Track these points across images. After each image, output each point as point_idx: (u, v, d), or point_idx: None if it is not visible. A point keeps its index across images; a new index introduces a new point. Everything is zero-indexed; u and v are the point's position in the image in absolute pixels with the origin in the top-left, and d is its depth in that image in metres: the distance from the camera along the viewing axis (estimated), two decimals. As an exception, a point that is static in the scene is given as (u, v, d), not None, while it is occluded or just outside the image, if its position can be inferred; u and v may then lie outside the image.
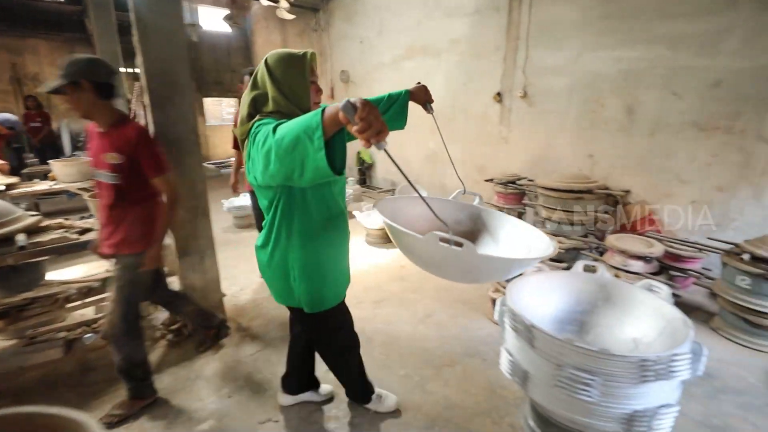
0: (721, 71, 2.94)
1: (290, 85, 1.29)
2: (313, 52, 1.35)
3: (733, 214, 3.06)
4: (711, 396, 2.01)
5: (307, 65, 1.30)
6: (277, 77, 1.28)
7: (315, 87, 1.37)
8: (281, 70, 1.29)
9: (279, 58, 1.30)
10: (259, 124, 1.20)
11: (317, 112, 0.98)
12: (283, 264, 1.40)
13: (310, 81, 1.32)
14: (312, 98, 1.35)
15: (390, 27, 5.85)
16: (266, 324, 2.65)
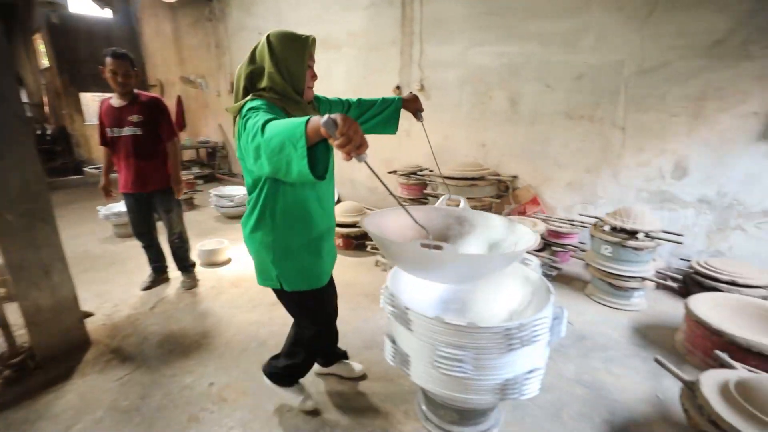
0: (582, 66, 3.29)
1: (288, 63, 1.32)
2: (314, 38, 1.39)
3: (599, 192, 3.46)
4: (583, 355, 2.22)
5: (307, 48, 1.35)
6: (276, 53, 1.31)
7: (311, 72, 1.41)
8: (282, 47, 1.32)
9: (282, 36, 1.33)
10: (249, 107, 1.23)
11: (302, 122, 1.00)
12: (264, 242, 1.42)
13: (308, 65, 1.37)
14: (307, 82, 1.39)
15: (289, 19, 5.61)
16: (141, 342, 2.31)
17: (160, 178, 2.71)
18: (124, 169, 2.64)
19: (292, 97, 1.36)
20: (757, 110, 2.67)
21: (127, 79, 2.49)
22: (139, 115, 2.55)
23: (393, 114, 1.76)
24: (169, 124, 2.72)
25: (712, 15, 2.70)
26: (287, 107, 1.34)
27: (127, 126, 2.55)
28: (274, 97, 1.32)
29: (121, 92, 2.52)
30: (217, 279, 3.19)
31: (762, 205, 2.79)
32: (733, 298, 2.32)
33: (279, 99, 1.33)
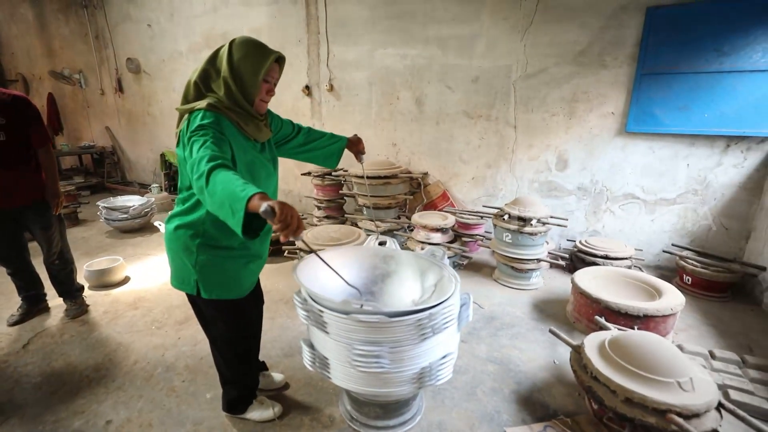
0: (477, 69, 3.59)
1: (242, 71, 1.31)
2: (282, 56, 1.40)
3: (499, 185, 3.81)
4: (493, 334, 2.42)
5: (266, 62, 1.32)
6: (234, 59, 1.30)
7: (268, 87, 1.39)
8: (240, 55, 1.30)
9: (243, 43, 1.32)
10: (199, 124, 1.23)
11: (243, 198, 1.02)
12: (187, 242, 1.37)
13: (264, 80, 1.35)
14: (260, 95, 1.37)
15: (182, 11, 5.17)
16: (11, 388, 1.93)
17: (29, 190, 2.30)
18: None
19: (243, 107, 1.34)
20: (614, 110, 3.18)
21: None
22: (1, 117, 2.13)
23: (336, 152, 1.83)
24: (41, 127, 2.32)
25: (576, 29, 3.14)
26: (240, 120, 1.34)
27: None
28: (226, 105, 1.31)
29: None
30: (111, 302, 2.81)
31: (623, 189, 3.34)
32: (607, 269, 2.73)
33: (231, 108, 1.32)
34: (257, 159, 1.42)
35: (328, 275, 1.61)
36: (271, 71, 1.37)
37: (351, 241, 3.00)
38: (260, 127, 1.43)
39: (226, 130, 1.29)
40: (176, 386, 1.93)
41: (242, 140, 1.36)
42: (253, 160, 1.40)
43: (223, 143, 1.24)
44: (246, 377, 1.69)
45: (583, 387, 1.68)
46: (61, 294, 2.63)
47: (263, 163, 1.46)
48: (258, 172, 1.42)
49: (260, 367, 1.94)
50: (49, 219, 2.41)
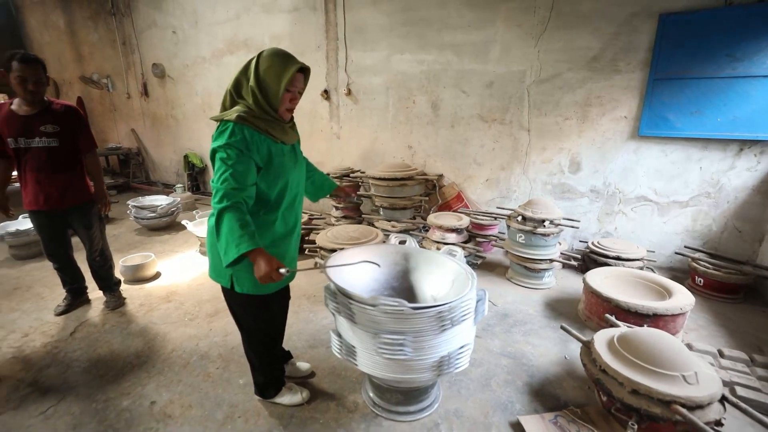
0: (491, 74, 3.69)
1: (267, 83, 1.41)
2: (306, 67, 1.47)
3: (513, 187, 3.90)
4: (506, 331, 2.53)
5: (289, 72, 1.40)
6: (260, 70, 1.40)
7: (291, 96, 1.47)
8: (266, 65, 1.40)
9: (269, 55, 1.41)
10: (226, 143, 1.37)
11: (238, 251, 1.30)
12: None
13: (287, 89, 1.43)
14: (284, 104, 1.46)
15: (206, 18, 5.38)
16: (64, 371, 2.12)
17: (77, 192, 2.50)
18: (33, 184, 2.37)
19: (270, 113, 1.45)
20: (626, 114, 3.24)
21: (39, 86, 2.24)
22: (54, 125, 2.32)
23: (324, 190, 2.02)
24: (88, 134, 2.52)
25: (589, 35, 3.22)
26: (270, 129, 1.46)
27: (39, 137, 2.30)
28: (255, 113, 1.42)
29: (31, 100, 2.27)
30: (146, 295, 3.01)
31: (635, 192, 3.40)
32: (619, 270, 2.81)
33: (261, 118, 1.43)
34: (287, 159, 1.55)
35: (353, 271, 1.75)
36: (294, 81, 1.44)
37: (369, 240, 3.13)
38: (286, 130, 1.54)
39: (254, 140, 1.41)
40: (211, 372, 2.09)
41: (271, 144, 1.47)
42: (283, 160, 1.52)
43: (245, 162, 1.39)
44: (271, 365, 1.83)
45: (592, 379, 1.78)
46: (101, 288, 2.83)
47: (292, 164, 1.58)
48: (288, 172, 1.55)
49: (286, 356, 2.08)
50: (92, 219, 2.61)
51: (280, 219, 1.57)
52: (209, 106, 5.79)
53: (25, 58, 2.18)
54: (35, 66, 2.21)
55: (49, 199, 2.39)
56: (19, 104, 2.29)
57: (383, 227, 3.69)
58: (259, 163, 1.44)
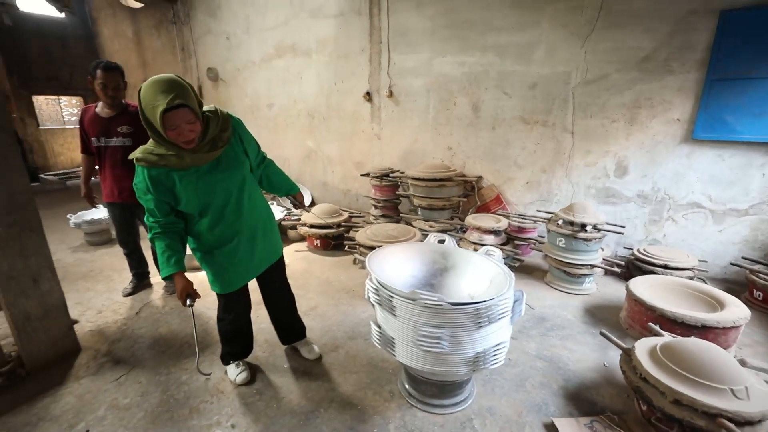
0: (535, 76, 3.64)
1: (150, 120, 1.42)
2: (173, 106, 1.34)
3: (554, 190, 3.84)
4: (543, 334, 2.52)
5: (158, 116, 1.35)
6: (142, 107, 1.41)
7: (175, 132, 1.41)
8: (144, 104, 1.40)
9: (144, 91, 1.39)
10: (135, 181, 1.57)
11: (163, 275, 1.64)
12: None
13: (168, 129, 1.39)
14: (178, 139, 1.44)
15: (257, 24, 5.68)
16: (132, 345, 2.38)
17: None
18: (111, 179, 2.67)
19: (168, 147, 1.48)
20: (680, 117, 3.10)
21: (117, 91, 2.53)
22: (129, 126, 2.60)
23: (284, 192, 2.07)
24: None
25: (640, 35, 3.11)
26: (166, 162, 1.48)
27: (116, 136, 2.59)
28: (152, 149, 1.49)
29: (111, 104, 2.57)
30: (199, 282, 3.23)
31: (687, 198, 3.24)
32: (665, 279, 2.70)
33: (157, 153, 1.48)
34: (202, 179, 1.56)
35: (393, 266, 1.84)
36: (168, 121, 1.36)
37: (407, 239, 3.21)
38: (199, 157, 1.51)
39: (153, 175, 1.48)
40: (258, 356, 2.26)
41: (175, 172, 1.51)
42: (195, 182, 1.55)
43: (151, 199, 1.53)
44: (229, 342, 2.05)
45: (631, 387, 1.76)
46: None
47: (211, 182, 1.58)
48: (205, 191, 1.58)
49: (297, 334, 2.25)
50: None
51: (207, 231, 1.69)
52: (257, 107, 6.12)
53: (106, 66, 2.46)
54: (114, 73, 2.49)
55: (122, 192, 2.67)
56: (102, 107, 2.59)
57: (421, 227, 3.75)
58: (165, 195, 1.54)
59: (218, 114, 1.59)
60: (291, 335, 2.25)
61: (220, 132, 1.58)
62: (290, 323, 2.23)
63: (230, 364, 2.08)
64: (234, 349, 2.06)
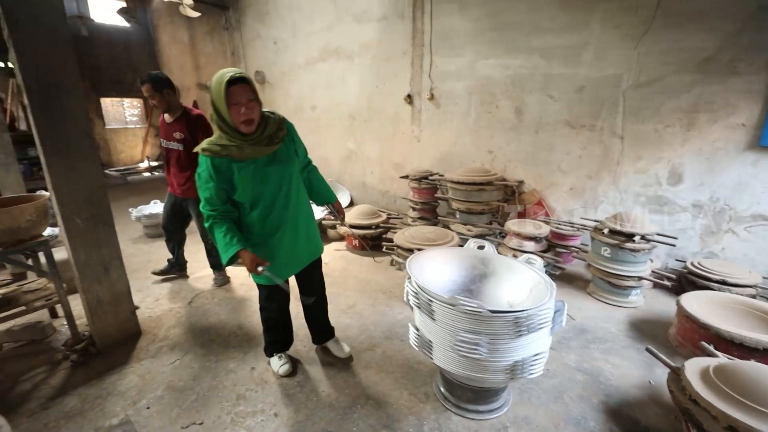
0: (583, 79, 3.52)
1: (217, 106, 1.59)
2: (235, 77, 1.55)
3: (600, 197, 3.69)
4: (583, 346, 2.45)
5: (223, 90, 1.54)
6: (212, 98, 1.61)
7: (237, 108, 1.57)
8: (212, 93, 1.60)
9: (213, 81, 1.59)
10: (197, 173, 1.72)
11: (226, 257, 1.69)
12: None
13: (231, 104, 1.56)
14: (236, 117, 1.59)
15: (303, 29, 5.88)
16: (185, 332, 2.57)
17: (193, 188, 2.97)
18: (169, 174, 3.00)
19: (230, 132, 1.63)
20: (745, 122, 2.89)
21: (153, 100, 2.78)
22: (182, 132, 2.83)
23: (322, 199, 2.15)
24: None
25: (702, 34, 2.93)
26: (229, 152, 1.62)
27: (172, 141, 2.84)
28: (217, 141, 1.65)
29: (162, 112, 2.85)
30: (246, 277, 3.45)
31: (751, 209, 3.01)
32: (722, 295, 2.54)
33: (221, 144, 1.63)
34: (258, 172, 1.71)
35: (432, 270, 1.88)
36: (231, 95, 1.55)
37: (445, 242, 3.23)
38: (258, 149, 1.68)
39: (216, 164, 1.64)
40: (299, 350, 2.37)
41: (235, 163, 1.65)
42: (251, 174, 1.69)
43: (212, 187, 1.66)
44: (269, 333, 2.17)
45: (679, 408, 1.68)
46: (211, 266, 3.32)
47: (265, 174, 1.73)
48: (259, 183, 1.72)
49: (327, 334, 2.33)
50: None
51: (257, 223, 1.80)
52: (301, 108, 6.33)
53: (142, 80, 2.74)
54: (147, 86, 2.73)
55: (174, 187, 2.96)
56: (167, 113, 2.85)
57: (459, 230, 3.74)
58: (225, 183, 1.68)
59: (275, 115, 1.80)
60: (324, 334, 2.32)
61: (277, 130, 1.76)
62: (324, 321, 2.32)
63: (273, 356, 2.19)
64: (275, 337, 2.17)
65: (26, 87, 1.92)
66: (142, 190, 7.35)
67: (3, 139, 3.98)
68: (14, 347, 2.38)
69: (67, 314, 2.29)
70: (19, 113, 6.72)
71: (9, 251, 2.10)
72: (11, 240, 2.12)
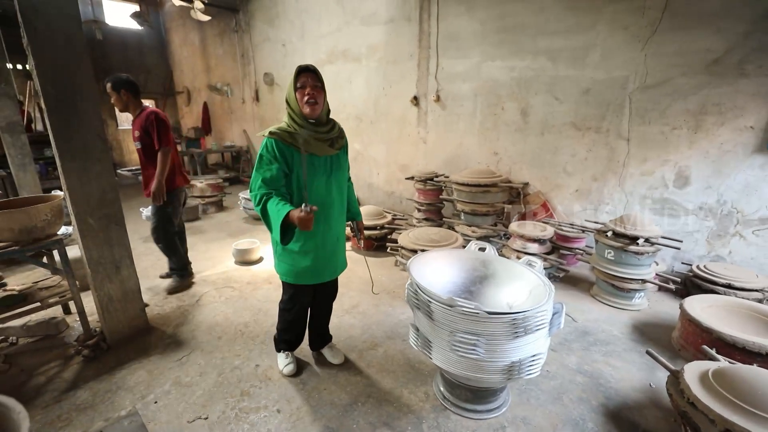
0: (589, 81, 3.52)
1: (288, 93, 1.76)
2: (305, 66, 1.73)
3: (605, 199, 3.67)
4: (585, 348, 2.45)
5: (294, 77, 1.73)
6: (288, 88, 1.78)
7: (302, 92, 1.73)
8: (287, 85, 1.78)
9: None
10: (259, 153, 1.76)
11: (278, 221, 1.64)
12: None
13: (297, 88, 1.73)
14: (301, 100, 1.73)
15: (311, 32, 5.95)
16: (193, 329, 2.64)
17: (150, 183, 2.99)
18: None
19: (297, 115, 1.75)
20: (753, 125, 2.86)
21: (111, 100, 2.88)
22: (138, 131, 2.90)
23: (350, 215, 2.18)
24: (160, 136, 2.88)
25: (710, 36, 2.90)
26: (294, 141, 1.73)
27: (135, 141, 2.94)
28: (285, 128, 1.75)
29: (119, 110, 2.98)
30: (252, 276, 3.52)
31: (759, 213, 2.98)
32: (727, 299, 2.52)
33: (288, 132, 1.73)
34: (312, 167, 1.79)
35: (433, 271, 1.91)
36: (300, 79, 1.72)
37: (449, 243, 3.25)
38: (320, 147, 1.77)
39: (280, 149, 1.72)
40: (303, 348, 2.40)
41: (296, 153, 1.74)
42: (309, 168, 1.77)
43: (273, 168, 1.71)
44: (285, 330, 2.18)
45: (677, 411, 1.69)
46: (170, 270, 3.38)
47: (318, 173, 1.81)
48: (312, 178, 1.79)
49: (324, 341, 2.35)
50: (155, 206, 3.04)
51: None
52: (309, 110, 6.40)
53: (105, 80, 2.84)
54: (107, 85, 2.83)
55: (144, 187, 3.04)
56: None
57: (463, 232, 3.76)
58: (285, 168, 1.75)
59: (339, 124, 1.93)
60: (322, 341, 2.36)
61: (338, 137, 1.89)
62: (326, 330, 2.36)
63: (281, 353, 2.24)
64: (288, 337, 2.20)
65: (43, 91, 2.00)
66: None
67: (20, 141, 4.11)
68: (29, 342, 2.47)
69: (80, 311, 2.37)
70: (35, 114, 6.91)
71: (26, 249, 2.19)
72: (28, 239, 2.21)
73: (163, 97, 9.71)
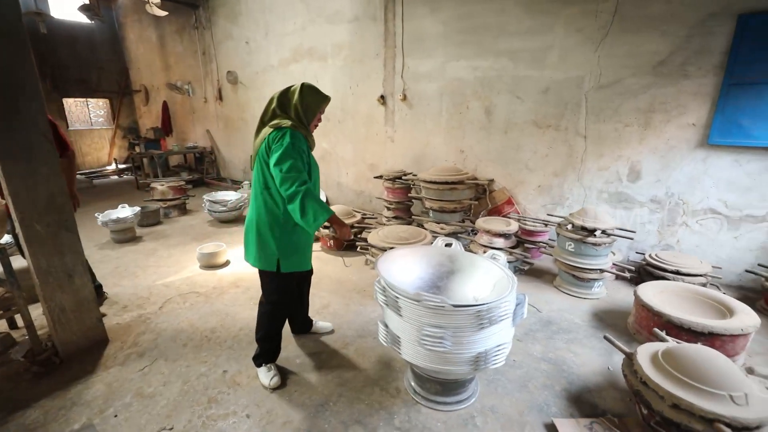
0: (548, 80, 3.66)
1: (308, 104, 1.93)
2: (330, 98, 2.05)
3: (566, 194, 3.84)
4: (549, 337, 2.56)
5: (322, 103, 1.98)
6: (304, 95, 1.92)
7: (318, 117, 2.02)
8: (309, 93, 1.94)
9: (312, 89, 1.96)
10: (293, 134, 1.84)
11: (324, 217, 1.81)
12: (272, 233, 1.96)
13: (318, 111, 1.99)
14: (313, 122, 2.00)
15: (276, 30, 5.84)
16: (156, 338, 2.53)
17: None
18: None
19: (305, 126, 1.97)
20: (695, 122, 3.08)
21: None
22: None
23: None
24: (58, 142, 2.43)
25: (656, 39, 3.10)
26: (307, 136, 1.97)
27: None
28: (299, 125, 1.92)
29: None
30: (218, 280, 3.42)
31: (702, 204, 3.21)
32: (676, 285, 2.70)
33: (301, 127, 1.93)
34: (313, 159, 2.03)
35: (401, 268, 1.92)
36: (323, 106, 2.01)
37: (418, 241, 3.29)
38: (312, 139, 2.05)
39: (301, 141, 1.88)
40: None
41: (307, 147, 1.95)
42: (311, 160, 2.01)
43: (302, 157, 1.86)
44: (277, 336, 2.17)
45: (632, 390, 1.79)
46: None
47: (315, 162, 2.06)
48: (314, 169, 2.02)
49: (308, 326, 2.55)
50: None
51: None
52: (275, 109, 6.28)
53: None
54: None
55: None
56: None
57: (432, 229, 3.82)
58: (307, 159, 1.92)
59: None
60: (307, 324, 2.54)
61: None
62: (307, 313, 2.54)
63: (262, 367, 2.14)
64: (270, 346, 2.15)
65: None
66: (109, 193, 7.12)
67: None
68: (-29, 360, 2.29)
69: (28, 324, 2.21)
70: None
71: (-37, 260, 2.02)
72: (-35, 248, 2.04)
73: (119, 95, 9.23)
